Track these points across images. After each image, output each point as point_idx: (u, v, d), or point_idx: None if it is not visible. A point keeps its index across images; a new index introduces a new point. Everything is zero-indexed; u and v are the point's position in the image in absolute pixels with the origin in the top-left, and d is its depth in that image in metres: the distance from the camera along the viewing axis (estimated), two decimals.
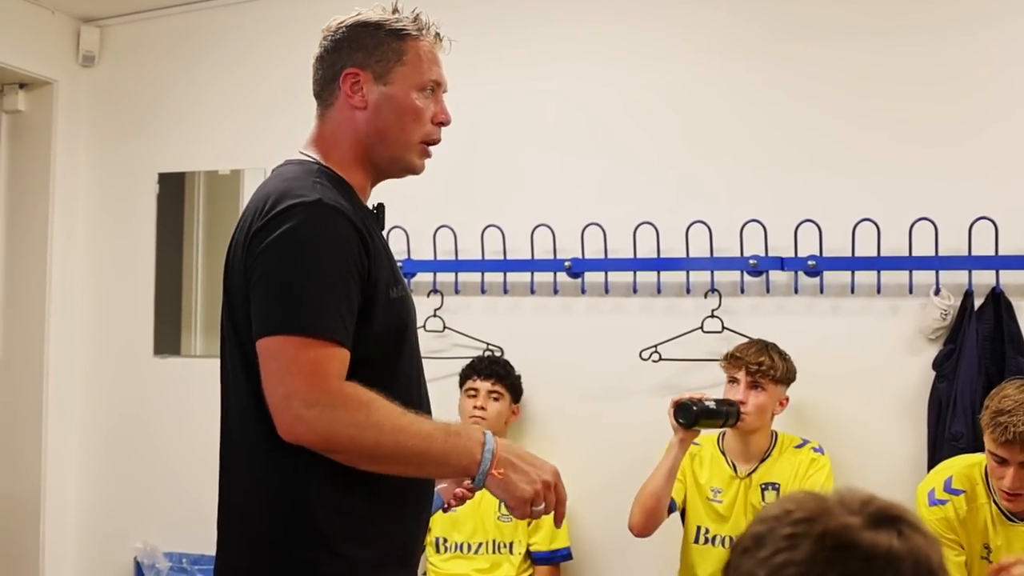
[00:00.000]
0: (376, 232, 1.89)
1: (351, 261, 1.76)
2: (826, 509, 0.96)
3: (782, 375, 3.10)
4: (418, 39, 1.98)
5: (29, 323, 4.10)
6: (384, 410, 1.72)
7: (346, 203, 1.81)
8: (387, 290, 1.83)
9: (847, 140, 3.38)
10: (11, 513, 4.07)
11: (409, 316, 1.91)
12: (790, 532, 0.94)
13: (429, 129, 1.99)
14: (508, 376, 3.54)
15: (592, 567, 3.59)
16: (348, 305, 1.75)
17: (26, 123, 4.16)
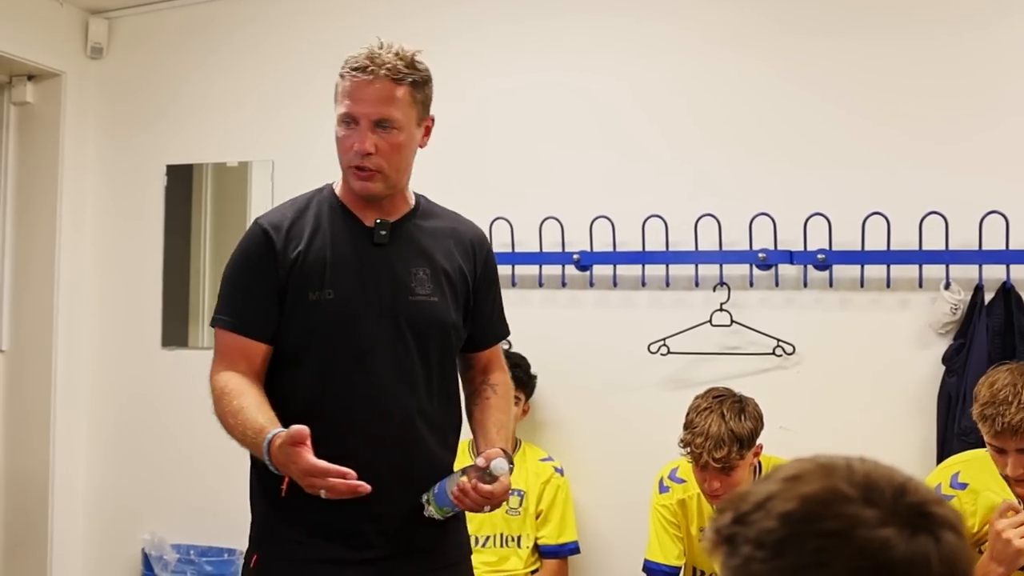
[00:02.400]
0: (331, 244, 2.21)
1: (257, 264, 2.20)
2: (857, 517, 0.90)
3: (748, 447, 2.84)
4: (342, 77, 2.23)
5: (37, 314, 4.10)
6: (225, 405, 2.13)
7: (296, 220, 2.23)
8: (305, 293, 2.18)
9: (857, 133, 3.36)
10: (20, 505, 4.08)
11: (325, 316, 2.18)
12: (819, 546, 0.89)
13: (350, 156, 2.21)
14: (529, 383, 3.54)
15: (600, 560, 3.59)
16: (255, 301, 2.20)
17: (34, 115, 4.15)
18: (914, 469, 3.13)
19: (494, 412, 2.37)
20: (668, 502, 3.11)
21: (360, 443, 2.15)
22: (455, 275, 2.32)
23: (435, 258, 2.29)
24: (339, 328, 2.19)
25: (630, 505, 3.41)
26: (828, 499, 0.92)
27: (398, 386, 2.21)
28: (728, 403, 2.86)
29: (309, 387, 2.20)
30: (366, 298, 2.20)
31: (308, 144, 3.73)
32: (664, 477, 3.15)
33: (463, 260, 2.35)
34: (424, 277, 2.26)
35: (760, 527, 0.92)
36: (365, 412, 2.18)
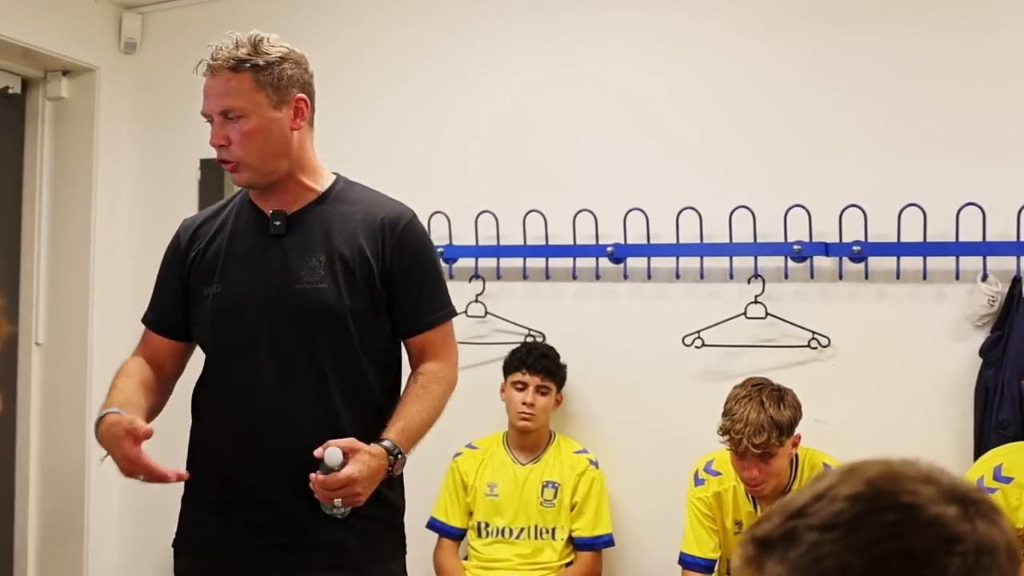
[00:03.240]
0: (231, 240, 2.30)
1: (168, 263, 2.41)
2: (921, 496, 0.91)
3: (787, 435, 2.87)
4: (205, 76, 2.26)
5: (73, 308, 4.13)
6: (114, 379, 2.30)
7: (207, 218, 2.40)
8: (201, 288, 2.30)
9: (892, 125, 3.34)
10: (56, 497, 4.11)
11: (213, 310, 2.28)
12: (894, 519, 0.89)
13: (216, 152, 2.29)
14: (558, 372, 3.52)
15: (635, 553, 3.59)
16: (163, 297, 2.40)
17: (69, 110, 4.18)
18: (951, 462, 3.13)
19: (404, 403, 2.28)
20: (703, 495, 3.11)
21: (242, 435, 2.24)
22: (354, 260, 2.25)
23: (332, 244, 2.25)
24: (224, 321, 2.28)
25: (664, 498, 3.41)
26: (895, 478, 0.93)
27: (276, 376, 2.22)
28: (767, 391, 2.87)
29: (207, 379, 2.35)
30: (250, 290, 2.26)
31: (338, 137, 3.73)
32: (700, 470, 3.15)
33: (367, 243, 2.27)
34: (316, 264, 2.24)
35: (827, 511, 0.92)
36: (244, 404, 2.25)
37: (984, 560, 0.88)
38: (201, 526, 2.32)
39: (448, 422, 2.37)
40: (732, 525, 3.09)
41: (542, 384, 3.46)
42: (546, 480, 3.47)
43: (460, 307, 3.67)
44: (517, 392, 3.46)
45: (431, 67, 3.89)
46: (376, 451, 2.14)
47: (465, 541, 3.57)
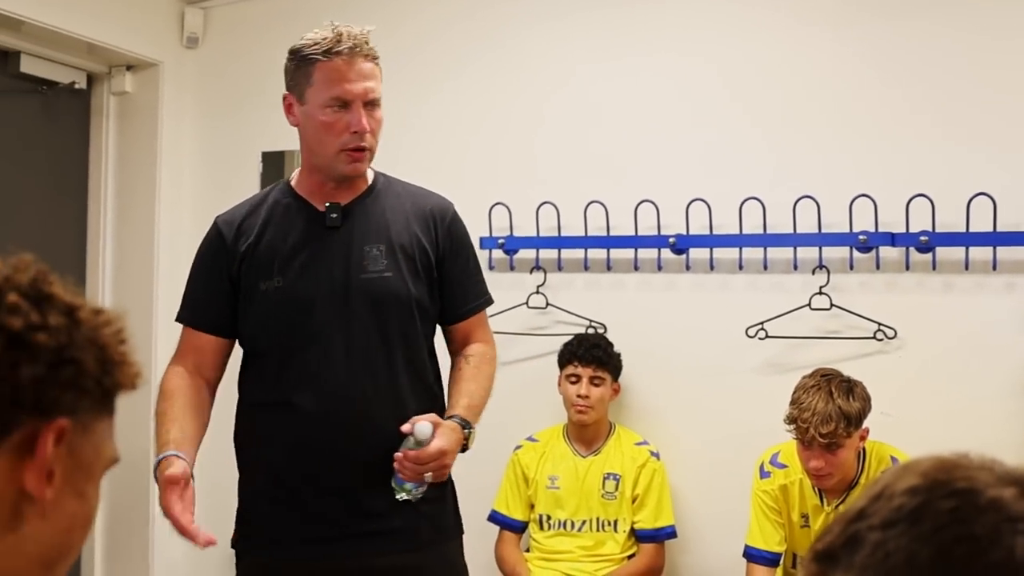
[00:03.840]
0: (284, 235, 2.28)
1: (208, 262, 2.35)
2: (979, 480, 0.90)
3: (855, 426, 2.83)
4: (326, 61, 2.20)
5: (137, 300, 4.18)
6: (157, 404, 2.31)
7: (248, 214, 2.33)
8: (256, 283, 2.26)
9: (961, 113, 3.28)
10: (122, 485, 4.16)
11: (277, 304, 2.25)
12: (954, 505, 0.88)
13: (345, 139, 2.21)
14: (610, 361, 3.50)
15: (698, 546, 3.57)
16: (204, 296, 2.35)
17: (133, 104, 4.23)
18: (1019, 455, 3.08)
19: (462, 382, 2.36)
20: (769, 487, 3.09)
21: (316, 425, 2.22)
22: (412, 249, 2.31)
23: (390, 234, 2.30)
24: (289, 314, 2.25)
25: (728, 490, 3.39)
26: (949, 467, 0.92)
27: (351, 365, 2.24)
28: (836, 382, 2.84)
29: (267, 375, 2.29)
30: (316, 282, 2.25)
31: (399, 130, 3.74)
32: (765, 462, 3.13)
33: (422, 233, 2.34)
34: (378, 254, 2.27)
35: (886, 509, 0.91)
36: (318, 394, 2.23)
37: None
38: (270, 523, 2.30)
39: (509, 413, 2.40)
40: (798, 518, 3.06)
41: (595, 375, 3.44)
42: (607, 472, 3.46)
43: (521, 299, 3.71)
44: (571, 385, 3.45)
45: (492, 59, 3.89)
46: (453, 425, 2.21)
47: (527, 533, 3.57)
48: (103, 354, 0.98)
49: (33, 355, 0.92)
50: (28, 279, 0.96)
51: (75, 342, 0.96)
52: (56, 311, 0.96)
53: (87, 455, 0.99)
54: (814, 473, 2.86)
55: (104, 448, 1.01)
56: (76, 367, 0.95)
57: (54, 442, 0.94)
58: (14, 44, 3.81)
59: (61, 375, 0.94)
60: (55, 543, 0.98)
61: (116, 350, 0.99)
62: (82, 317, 0.97)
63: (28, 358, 0.92)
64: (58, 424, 0.94)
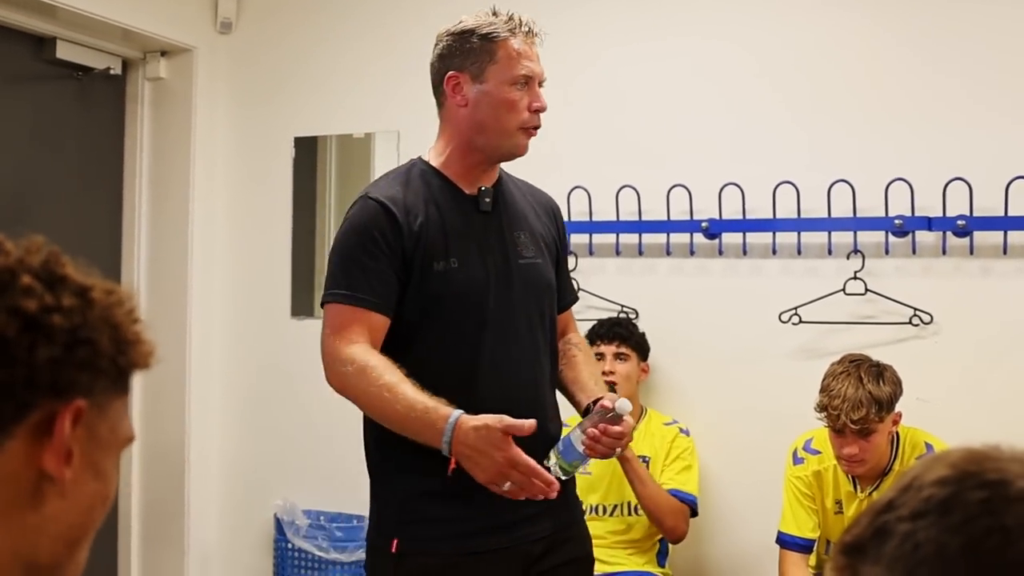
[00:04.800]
0: (442, 214, 2.22)
1: (377, 240, 2.17)
2: (1009, 471, 0.90)
3: (887, 411, 2.81)
4: (508, 39, 2.23)
5: (171, 285, 4.21)
6: (373, 379, 2.09)
7: (409, 194, 2.22)
8: (431, 263, 2.18)
9: (997, 95, 3.24)
10: (158, 471, 4.21)
11: (460, 285, 2.20)
12: (985, 496, 0.88)
13: (525, 117, 2.25)
14: (632, 336, 3.50)
15: (730, 531, 3.55)
16: (376, 276, 2.17)
17: (167, 90, 4.25)
18: None
19: (585, 367, 2.45)
20: (803, 473, 3.06)
21: (491, 410, 2.12)
22: (548, 238, 2.39)
23: (530, 222, 2.36)
24: (466, 296, 2.21)
25: (760, 476, 3.37)
26: (979, 459, 0.92)
27: (521, 351, 2.26)
28: (865, 367, 2.81)
29: (435, 360, 2.21)
30: (485, 265, 2.24)
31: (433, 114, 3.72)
32: (798, 448, 3.10)
33: (548, 225, 2.43)
34: (527, 240, 2.32)
35: (916, 500, 0.90)
36: (495, 379, 2.21)
37: None
38: (445, 518, 2.19)
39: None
40: (832, 505, 3.03)
41: (619, 351, 3.44)
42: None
43: None
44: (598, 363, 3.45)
45: None
46: None
47: None
48: (117, 333, 0.98)
49: (49, 337, 0.92)
50: (40, 261, 0.96)
51: (89, 322, 0.96)
52: (69, 292, 0.95)
53: (104, 434, 0.99)
54: (847, 460, 2.84)
55: (120, 427, 1.01)
56: (91, 347, 0.95)
57: (71, 423, 0.94)
58: (50, 30, 3.83)
59: (76, 356, 0.94)
60: (76, 522, 0.98)
61: (130, 329, 0.99)
62: (95, 297, 0.97)
63: (44, 340, 0.92)
64: (75, 405, 0.94)
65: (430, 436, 2.05)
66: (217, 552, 4.27)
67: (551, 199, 2.53)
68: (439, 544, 2.18)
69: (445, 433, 2.01)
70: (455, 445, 2.02)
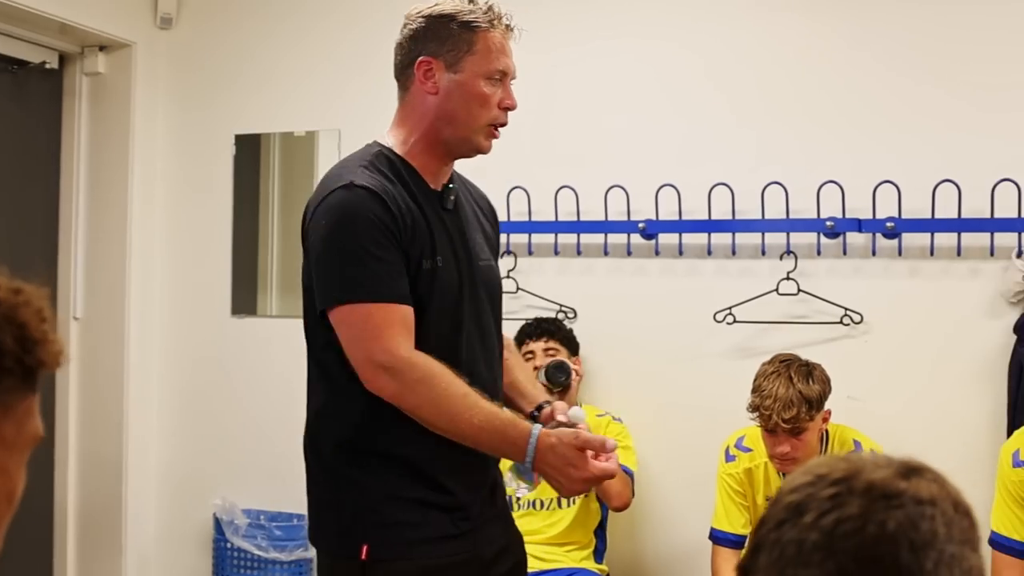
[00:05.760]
0: (422, 209, 2.09)
1: (383, 230, 2.01)
2: (855, 467, 0.97)
3: (817, 409, 2.87)
4: (488, 31, 2.11)
5: (110, 282, 4.17)
6: (443, 388, 1.97)
7: (388, 183, 2.06)
8: (419, 261, 2.06)
9: (927, 101, 3.32)
10: (94, 471, 4.17)
11: (443, 286, 2.09)
12: (833, 492, 0.95)
13: (495, 113, 2.14)
14: (560, 331, 3.54)
15: (665, 528, 3.60)
16: (394, 267, 2.02)
17: (106, 85, 4.21)
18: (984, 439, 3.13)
19: (520, 371, 2.39)
20: (734, 471, 3.12)
21: None
22: (493, 239, 2.33)
23: (480, 222, 2.28)
24: (447, 297, 2.10)
25: (695, 473, 3.42)
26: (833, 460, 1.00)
27: (486, 354, 2.20)
28: (795, 367, 2.87)
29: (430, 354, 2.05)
30: (458, 264, 2.13)
31: (376, 114, 3.72)
32: (730, 446, 3.16)
33: (492, 225, 2.37)
34: (481, 241, 2.24)
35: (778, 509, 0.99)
36: (469, 383, 2.07)
37: (926, 510, 0.94)
38: (418, 523, 2.10)
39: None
40: (763, 501, 3.09)
41: (547, 347, 3.47)
42: None
43: None
44: (527, 362, 3.47)
45: None
46: None
47: None
48: (23, 332, 0.98)
49: None
50: None
51: None
52: None
53: (9, 433, 0.99)
54: (780, 458, 2.89)
55: (27, 426, 1.01)
56: None
57: None
58: None
59: None
60: None
61: (36, 328, 0.99)
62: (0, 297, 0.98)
63: None
64: None
65: (510, 452, 2.03)
66: (155, 553, 4.24)
67: (488, 199, 2.43)
68: (412, 549, 2.08)
69: (528, 453, 1.98)
70: (537, 464, 1.99)
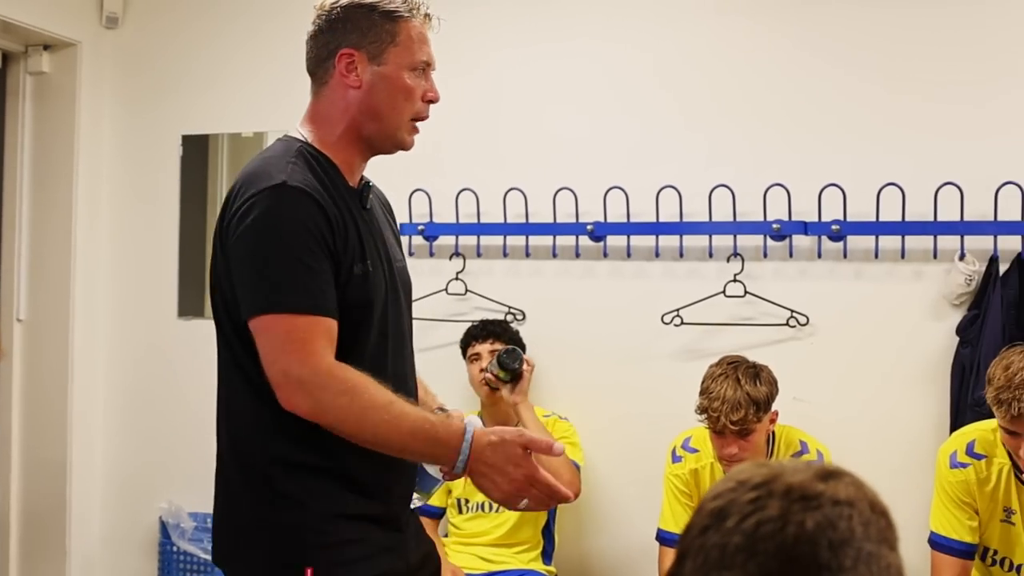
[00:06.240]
0: (350, 210, 1.98)
1: (316, 237, 1.87)
2: (774, 472, 1.00)
3: (764, 411, 2.90)
4: (410, 20, 2.03)
5: (54, 285, 4.12)
6: (368, 399, 1.83)
7: (317, 183, 1.92)
8: (351, 266, 1.93)
9: (872, 103, 3.35)
10: (38, 474, 4.12)
11: (373, 291, 1.97)
12: (754, 496, 0.97)
13: (419, 107, 2.06)
14: (506, 332, 3.54)
15: (612, 528, 3.61)
16: (323, 277, 1.87)
17: (50, 85, 4.16)
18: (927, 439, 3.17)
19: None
20: (681, 471, 3.13)
21: None
22: (398, 239, 2.22)
23: (389, 220, 2.20)
24: (375, 304, 1.98)
25: (642, 474, 3.43)
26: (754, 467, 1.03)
27: (407, 360, 2.12)
28: (743, 369, 2.89)
29: (364, 366, 1.92)
30: (381, 270, 2.01)
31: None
32: (677, 447, 3.17)
33: (395, 223, 2.26)
34: (393, 241, 2.15)
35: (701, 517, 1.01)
36: (400, 388, 1.96)
37: (843, 510, 0.96)
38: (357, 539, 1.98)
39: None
40: None
41: (493, 349, 3.46)
42: None
43: (440, 285, 3.72)
44: (473, 364, 3.49)
45: None
46: None
47: (445, 518, 3.59)
48: None
49: None
50: None
51: None
52: None
53: None
54: (728, 460, 2.91)
55: None
56: None
57: None
58: None
59: None
60: None
61: None
62: None
63: None
64: None
65: (441, 455, 1.88)
66: (100, 556, 4.19)
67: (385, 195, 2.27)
68: (355, 567, 1.96)
69: (462, 452, 1.84)
70: (473, 463, 1.84)
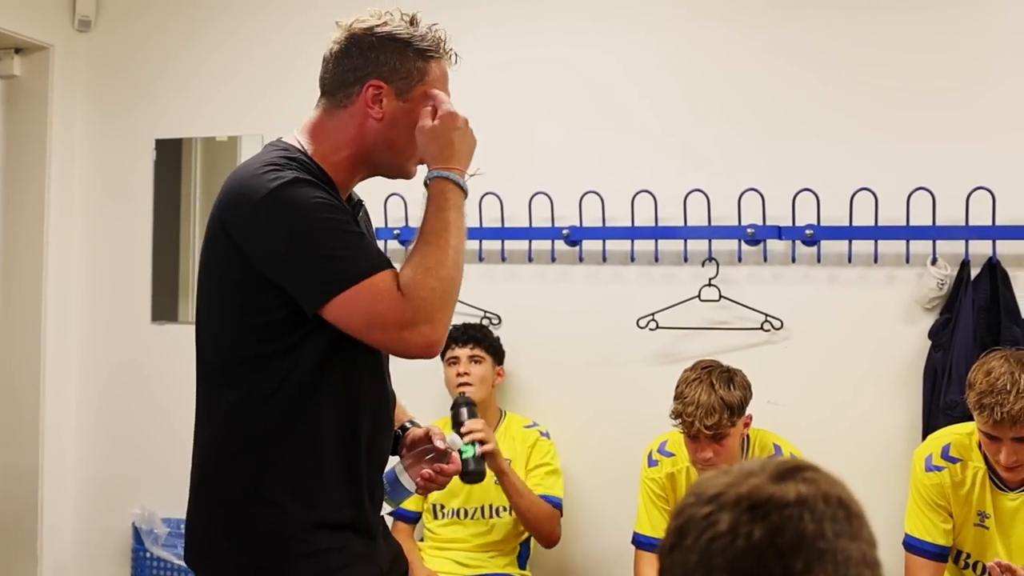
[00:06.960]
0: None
1: (340, 208, 1.90)
2: (731, 480, 1.00)
3: (738, 415, 2.91)
4: (440, 60, 2.08)
5: (25, 290, 4.09)
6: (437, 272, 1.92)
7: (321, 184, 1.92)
8: None
9: (845, 109, 3.38)
10: (9, 480, 4.08)
11: None
12: (707, 511, 0.98)
13: None
14: (486, 339, 3.53)
15: (589, 533, 3.62)
16: (364, 239, 1.91)
17: (22, 88, 4.13)
18: (900, 442, 3.19)
19: None
20: (657, 475, 3.14)
21: (387, 431, 2.09)
22: None
23: (373, 238, 2.19)
24: None
25: (619, 478, 3.44)
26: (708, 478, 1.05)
27: (385, 372, 2.11)
28: (717, 373, 2.90)
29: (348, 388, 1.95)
30: None
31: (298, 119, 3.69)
32: (653, 451, 3.18)
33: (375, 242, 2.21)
34: None
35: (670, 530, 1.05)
36: (382, 405, 2.04)
37: (792, 512, 0.96)
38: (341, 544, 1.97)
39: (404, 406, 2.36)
40: None
41: (472, 353, 3.46)
42: None
43: None
44: (451, 367, 3.48)
45: None
46: None
47: (420, 523, 3.58)
48: None
49: None
50: None
51: None
52: None
53: None
54: (702, 464, 2.92)
55: None
56: None
57: None
58: None
59: None
60: None
61: None
62: None
63: None
64: None
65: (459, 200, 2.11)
66: (72, 562, 4.16)
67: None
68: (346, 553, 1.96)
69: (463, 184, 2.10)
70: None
